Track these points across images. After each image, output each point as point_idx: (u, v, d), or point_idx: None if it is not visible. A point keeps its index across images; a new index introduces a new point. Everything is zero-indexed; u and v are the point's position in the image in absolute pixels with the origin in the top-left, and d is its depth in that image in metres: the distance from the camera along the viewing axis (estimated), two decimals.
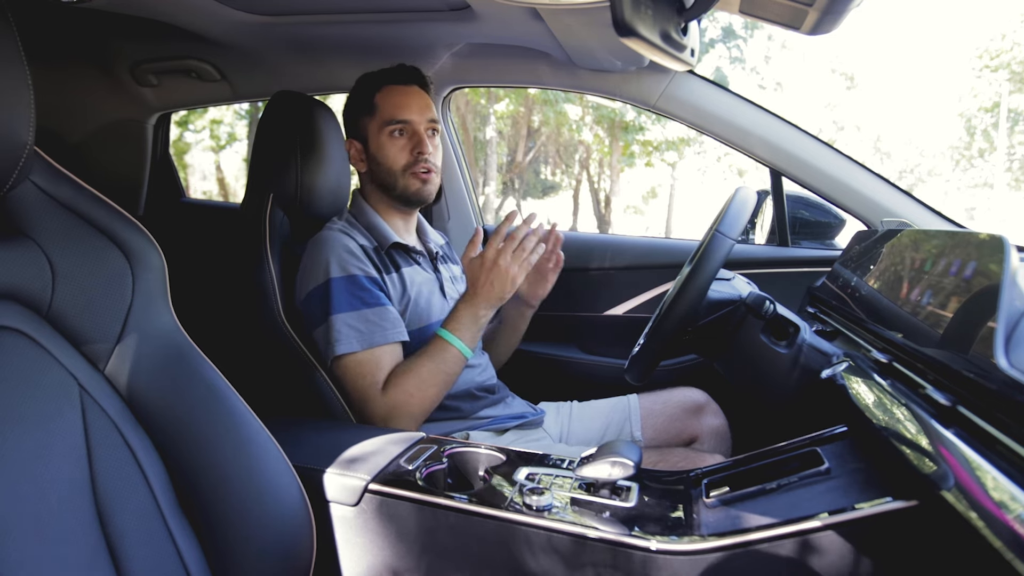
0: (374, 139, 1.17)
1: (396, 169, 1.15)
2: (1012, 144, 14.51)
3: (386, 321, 1.06)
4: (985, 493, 0.46)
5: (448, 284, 1.25)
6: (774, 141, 1.41)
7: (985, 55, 14.29)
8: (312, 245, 1.11)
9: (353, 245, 1.10)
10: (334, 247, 1.08)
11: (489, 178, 10.34)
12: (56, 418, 0.60)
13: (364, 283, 1.07)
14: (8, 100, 0.56)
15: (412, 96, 1.17)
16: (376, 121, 1.16)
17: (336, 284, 1.05)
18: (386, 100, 1.16)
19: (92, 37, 1.68)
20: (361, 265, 1.08)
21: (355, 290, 1.06)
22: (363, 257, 1.09)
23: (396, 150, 1.15)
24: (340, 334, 1.04)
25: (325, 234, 1.12)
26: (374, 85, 1.18)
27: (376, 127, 1.16)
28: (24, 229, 0.62)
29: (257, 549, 0.68)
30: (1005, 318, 0.53)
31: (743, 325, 0.95)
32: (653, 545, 0.65)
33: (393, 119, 1.15)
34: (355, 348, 1.03)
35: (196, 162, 11.33)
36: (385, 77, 1.18)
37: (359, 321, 1.04)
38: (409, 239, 1.23)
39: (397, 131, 1.15)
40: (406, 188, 1.16)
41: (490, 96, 9.29)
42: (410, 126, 1.15)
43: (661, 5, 0.59)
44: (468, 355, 1.05)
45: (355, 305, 1.05)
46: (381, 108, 1.16)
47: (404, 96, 1.16)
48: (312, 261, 1.09)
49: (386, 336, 1.05)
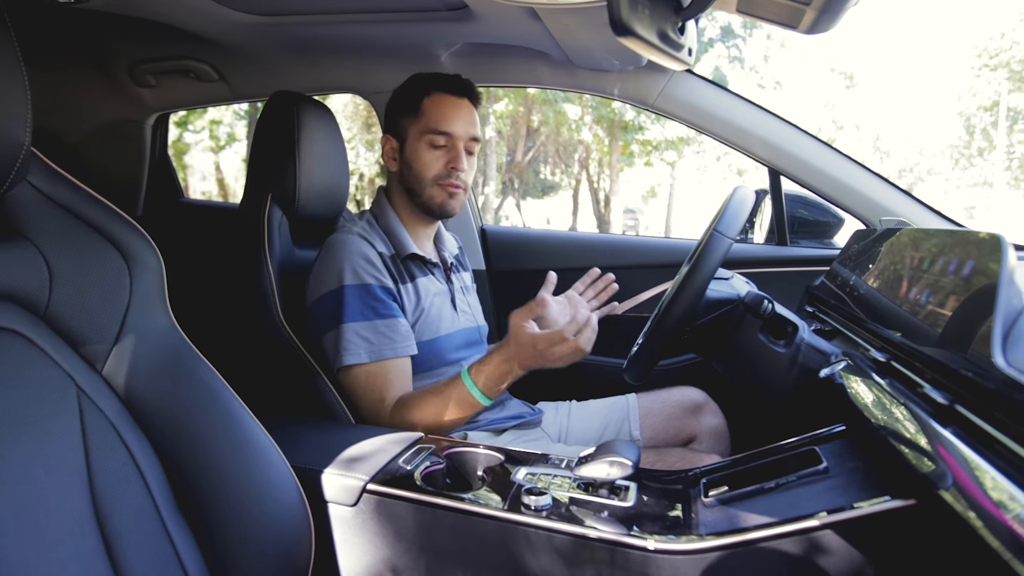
0: (412, 142, 1.13)
1: (426, 177, 1.13)
2: (1011, 143, 14.52)
3: (397, 334, 1.05)
4: (983, 492, 0.46)
5: (459, 295, 1.23)
6: (773, 140, 1.41)
7: (984, 54, 14.30)
8: (328, 248, 1.09)
9: (371, 253, 1.07)
10: (350, 253, 1.06)
11: (489, 178, 10.34)
12: (54, 419, 0.59)
13: (378, 293, 1.05)
14: (5, 101, 0.56)
15: (461, 109, 1.13)
16: (418, 125, 1.13)
17: (350, 292, 1.03)
18: (434, 107, 1.12)
19: (90, 37, 1.68)
20: (377, 274, 1.06)
21: (368, 300, 1.04)
22: (380, 266, 1.07)
23: (431, 159, 1.12)
24: (350, 343, 1.02)
25: (343, 237, 1.09)
26: (424, 87, 1.14)
27: (417, 131, 1.13)
28: (21, 230, 0.62)
29: (255, 549, 0.68)
30: (1003, 317, 0.53)
31: (742, 324, 0.95)
32: (651, 544, 0.65)
33: (437, 128, 1.11)
34: (363, 360, 1.02)
35: (195, 162, 11.34)
36: (437, 83, 1.14)
37: (370, 332, 1.03)
38: (426, 248, 1.21)
39: (439, 143, 1.12)
40: (431, 198, 1.14)
41: (489, 96, 9.29)
42: (451, 139, 1.12)
43: (658, 4, 0.59)
44: (485, 403, 1.01)
45: (367, 315, 1.03)
46: (427, 114, 1.12)
47: (453, 108, 1.13)
48: (326, 265, 1.07)
49: (396, 350, 1.04)
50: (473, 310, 1.28)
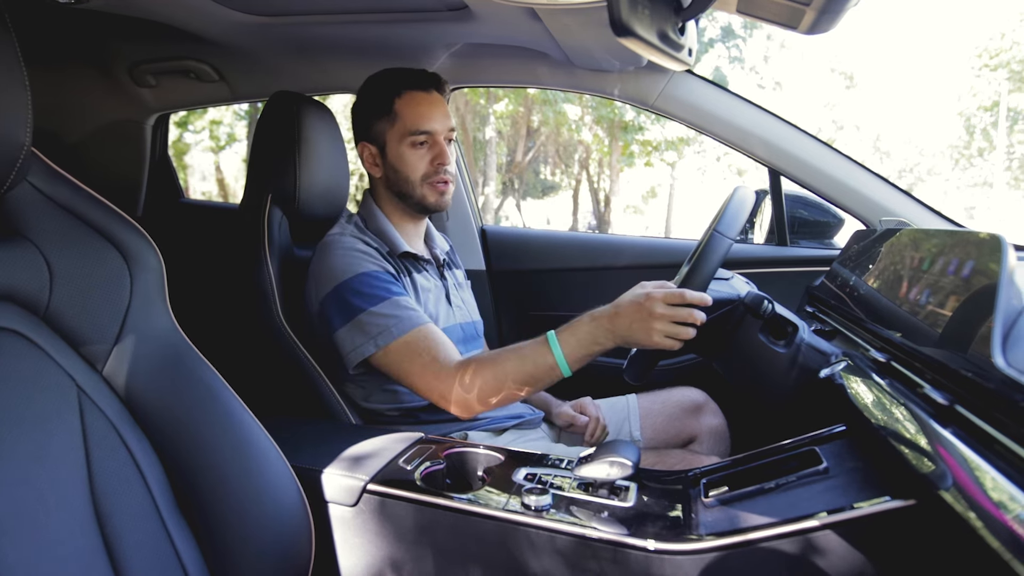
0: (393, 147, 1.12)
1: (415, 179, 1.12)
2: (1011, 143, 14.52)
3: (415, 308, 1.03)
4: (983, 492, 0.46)
5: (453, 291, 1.23)
6: (773, 141, 1.41)
7: (984, 54, 14.29)
8: (321, 250, 1.09)
9: (363, 246, 1.07)
10: (344, 249, 1.06)
11: (489, 178, 10.34)
12: (54, 419, 0.59)
13: (383, 276, 1.04)
14: (5, 101, 0.56)
15: (435, 105, 1.12)
16: (396, 128, 1.11)
17: (355, 282, 1.02)
18: (408, 108, 1.11)
19: (90, 38, 1.68)
20: (377, 262, 1.06)
21: (376, 283, 1.02)
22: (377, 256, 1.07)
23: (416, 159, 1.11)
24: (373, 327, 0.99)
25: (334, 238, 1.09)
26: (393, 89, 1.12)
27: (396, 135, 1.11)
28: (22, 230, 0.62)
29: (255, 549, 0.68)
30: (1002, 317, 0.53)
31: (742, 325, 0.95)
32: (651, 545, 0.65)
33: (417, 129, 1.10)
34: (396, 335, 0.99)
35: (196, 163, 11.34)
36: (405, 82, 1.12)
37: (391, 309, 1.00)
38: (418, 246, 1.21)
39: (419, 141, 1.11)
40: (424, 198, 1.13)
41: (489, 96, 9.29)
42: (432, 136, 1.11)
43: (658, 5, 0.59)
44: (565, 373, 0.93)
45: (381, 296, 1.01)
46: (403, 116, 1.11)
47: (428, 105, 1.12)
48: (323, 266, 1.06)
49: (422, 317, 1.02)
50: (468, 306, 1.27)
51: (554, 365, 0.92)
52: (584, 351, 0.92)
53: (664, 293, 0.88)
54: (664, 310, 0.87)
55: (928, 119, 18.39)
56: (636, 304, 0.89)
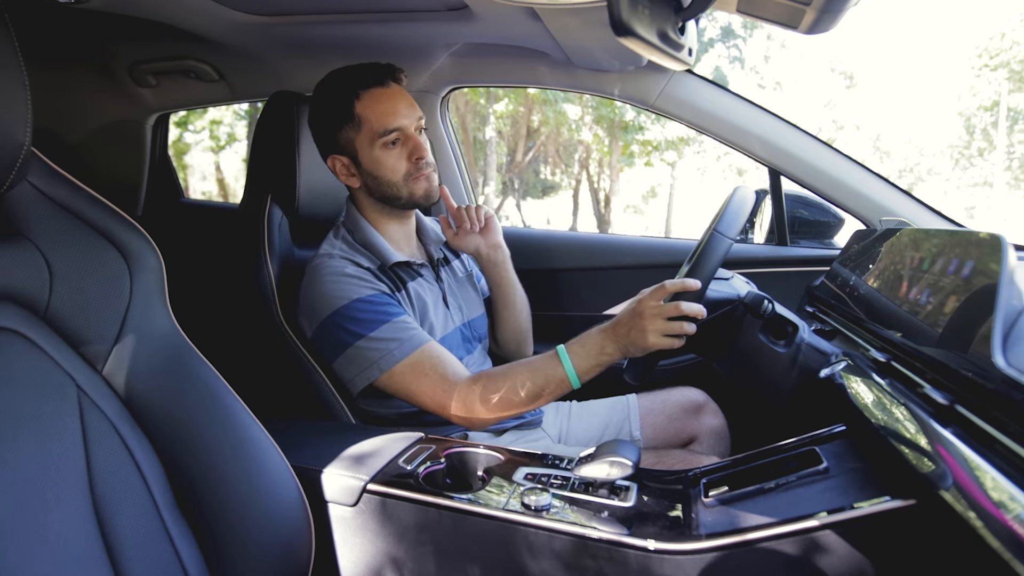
0: (366, 153, 1.06)
1: (397, 181, 1.07)
2: (1011, 143, 14.51)
3: (415, 328, 1.01)
4: (983, 492, 0.46)
5: (450, 293, 1.20)
6: (773, 140, 1.41)
7: (984, 54, 14.28)
8: (310, 275, 1.05)
9: (356, 269, 1.04)
10: (335, 275, 1.02)
11: (489, 178, 10.34)
12: (54, 419, 0.60)
13: (379, 299, 1.01)
14: (5, 101, 0.56)
15: (398, 99, 1.06)
16: (364, 134, 1.05)
17: (349, 309, 0.99)
18: (370, 109, 1.04)
19: (90, 38, 1.68)
20: (369, 284, 1.02)
21: (371, 308, 1.00)
22: (370, 277, 1.04)
23: (393, 160, 1.06)
24: (374, 352, 0.98)
25: (323, 261, 1.05)
26: (350, 92, 1.05)
27: (366, 140, 1.05)
28: (21, 230, 0.62)
29: (255, 549, 0.68)
30: (1003, 317, 0.53)
31: (742, 324, 0.95)
32: (651, 545, 0.65)
33: (385, 129, 1.04)
34: (399, 358, 0.97)
35: (196, 163, 11.33)
36: (360, 81, 1.05)
37: (390, 332, 0.99)
38: (409, 249, 1.18)
39: (391, 141, 1.05)
40: (412, 194, 1.08)
41: (489, 96, 9.30)
42: (403, 131, 1.05)
43: (658, 5, 0.59)
44: (575, 385, 0.95)
45: (379, 321, 0.99)
46: (367, 119, 1.04)
47: (389, 101, 1.05)
48: (313, 293, 1.03)
49: (424, 336, 1.01)
50: (468, 303, 1.25)
51: (564, 378, 0.94)
52: (593, 362, 0.94)
53: (650, 291, 0.91)
54: (653, 310, 0.89)
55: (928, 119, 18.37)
56: (631, 310, 0.92)
